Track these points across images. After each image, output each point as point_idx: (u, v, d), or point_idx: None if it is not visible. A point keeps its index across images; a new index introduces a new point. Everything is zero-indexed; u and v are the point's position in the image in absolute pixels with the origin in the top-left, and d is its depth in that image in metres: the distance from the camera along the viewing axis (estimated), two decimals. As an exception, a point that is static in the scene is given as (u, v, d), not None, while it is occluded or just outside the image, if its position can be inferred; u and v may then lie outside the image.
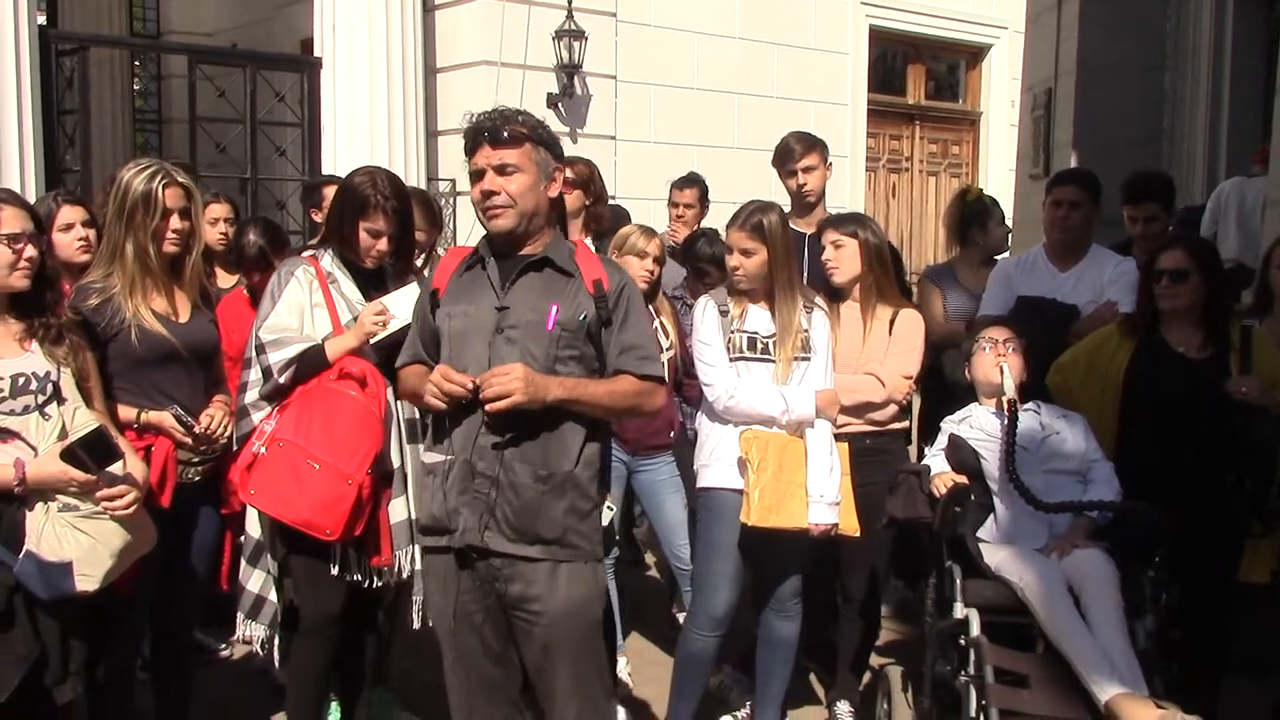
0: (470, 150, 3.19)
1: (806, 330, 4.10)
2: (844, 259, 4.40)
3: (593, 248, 3.82)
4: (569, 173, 5.21)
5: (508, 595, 3.14)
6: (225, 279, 5.18)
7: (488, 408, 3.01)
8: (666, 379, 3.29)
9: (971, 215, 5.58)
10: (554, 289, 3.17)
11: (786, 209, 4.56)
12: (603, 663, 3.30)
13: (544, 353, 3.10)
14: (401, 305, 3.78)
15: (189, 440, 3.68)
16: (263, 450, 3.67)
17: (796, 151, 5.07)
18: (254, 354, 3.79)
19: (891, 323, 4.40)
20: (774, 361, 4.05)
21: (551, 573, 3.12)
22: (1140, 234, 5.22)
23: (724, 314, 4.09)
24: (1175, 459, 4.08)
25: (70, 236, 4.30)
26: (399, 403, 3.85)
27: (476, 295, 3.20)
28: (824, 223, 4.56)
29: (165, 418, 3.63)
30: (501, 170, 3.13)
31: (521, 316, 3.13)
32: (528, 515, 3.09)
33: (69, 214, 4.35)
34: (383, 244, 3.86)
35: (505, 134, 3.13)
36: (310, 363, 3.74)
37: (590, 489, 3.19)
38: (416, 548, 3.83)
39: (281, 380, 3.74)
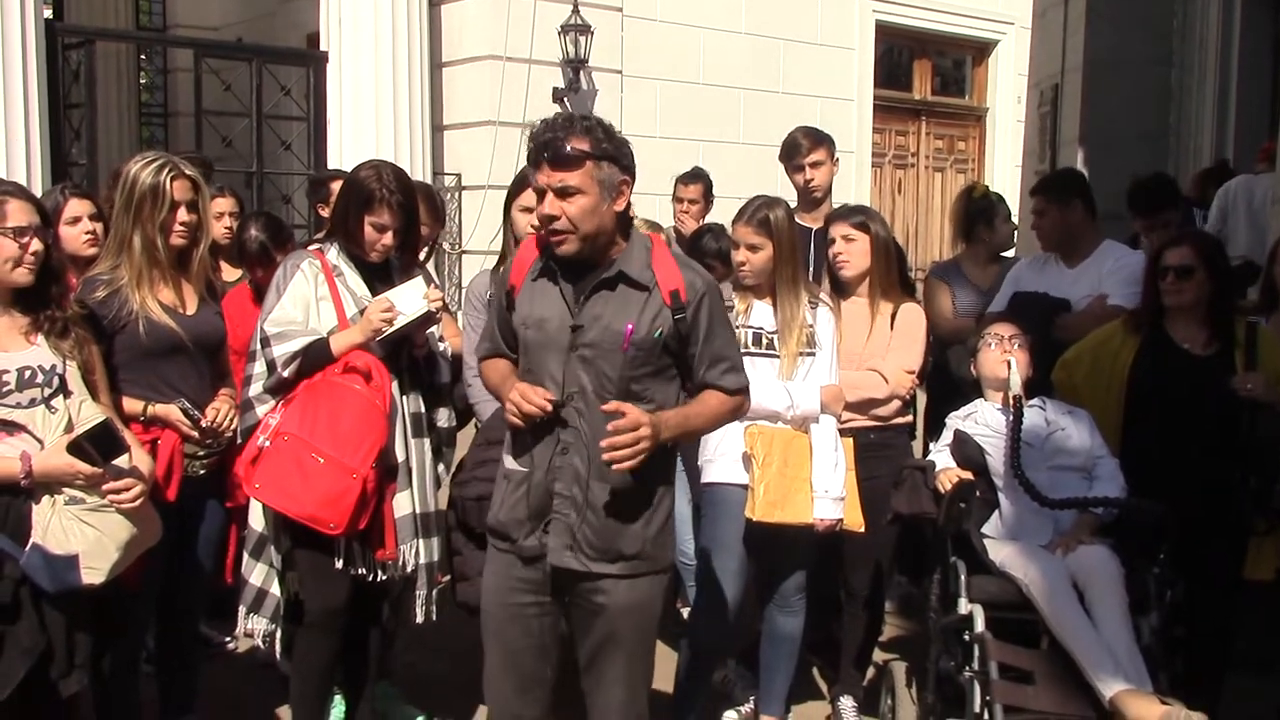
0: (532, 164, 3.06)
1: (811, 326, 4.10)
2: (855, 253, 4.39)
3: None
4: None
5: (578, 587, 3.14)
6: (230, 273, 5.19)
7: (614, 468, 2.94)
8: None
9: (978, 212, 5.58)
10: (629, 305, 3.06)
11: (792, 204, 4.56)
12: (652, 659, 3.33)
13: (618, 374, 3.04)
14: (407, 300, 3.77)
15: (195, 433, 3.69)
16: (267, 444, 3.67)
17: (804, 147, 5.07)
18: (258, 347, 3.79)
19: (893, 318, 4.40)
20: (779, 357, 4.05)
21: (617, 579, 3.13)
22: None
23: (728, 309, 4.08)
24: (1179, 456, 4.07)
25: (77, 230, 4.30)
26: (404, 397, 3.86)
27: (550, 307, 3.12)
28: (832, 216, 4.55)
29: (172, 411, 3.64)
30: (562, 193, 3.01)
31: (596, 336, 3.05)
32: (609, 534, 3.08)
33: (76, 207, 4.35)
34: (388, 238, 3.85)
35: (567, 151, 2.98)
36: (315, 357, 3.74)
37: (664, 500, 3.18)
38: (420, 542, 3.85)
39: (286, 374, 3.74)
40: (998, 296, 5.06)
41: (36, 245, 3.20)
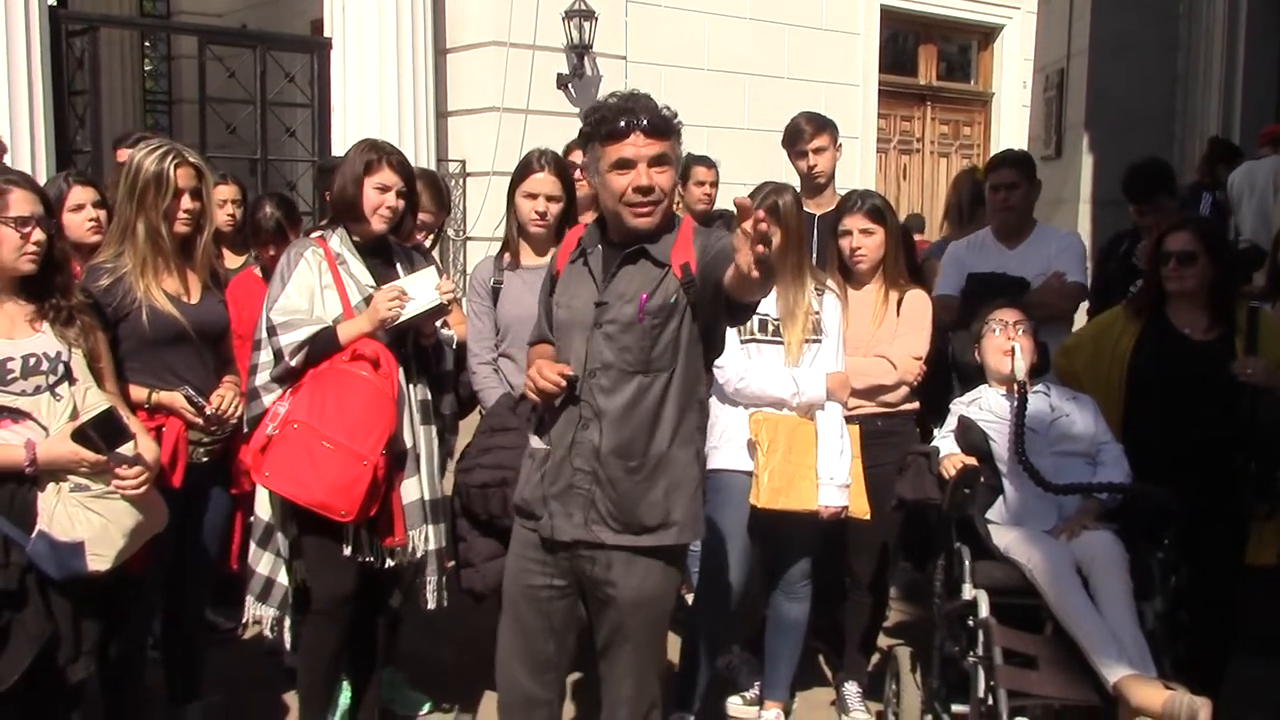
0: (614, 135, 3.01)
1: (817, 312, 4.09)
2: (872, 246, 4.38)
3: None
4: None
5: (591, 575, 3.16)
6: (233, 260, 5.19)
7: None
8: None
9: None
10: (648, 280, 3.08)
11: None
12: (663, 647, 3.35)
13: (638, 345, 3.05)
14: (419, 290, 3.77)
15: (200, 421, 3.69)
16: (276, 432, 3.67)
17: (807, 133, 5.05)
18: (265, 336, 3.79)
19: (899, 304, 4.39)
20: (784, 344, 4.04)
21: (628, 562, 3.13)
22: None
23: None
24: (1180, 441, 4.08)
25: (81, 217, 4.30)
26: (411, 384, 3.86)
27: (580, 287, 3.17)
28: (845, 207, 4.48)
29: (176, 398, 3.65)
30: (658, 161, 3.02)
31: (618, 311, 3.08)
32: (629, 505, 3.09)
33: (80, 194, 4.35)
34: (391, 198, 3.82)
35: (667, 123, 2.99)
36: (322, 345, 3.74)
37: (689, 466, 3.17)
38: (430, 528, 3.85)
39: (293, 363, 3.73)
40: (939, 279, 5.12)
41: (39, 235, 3.19)
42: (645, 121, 2.99)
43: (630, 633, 3.17)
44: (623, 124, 3.00)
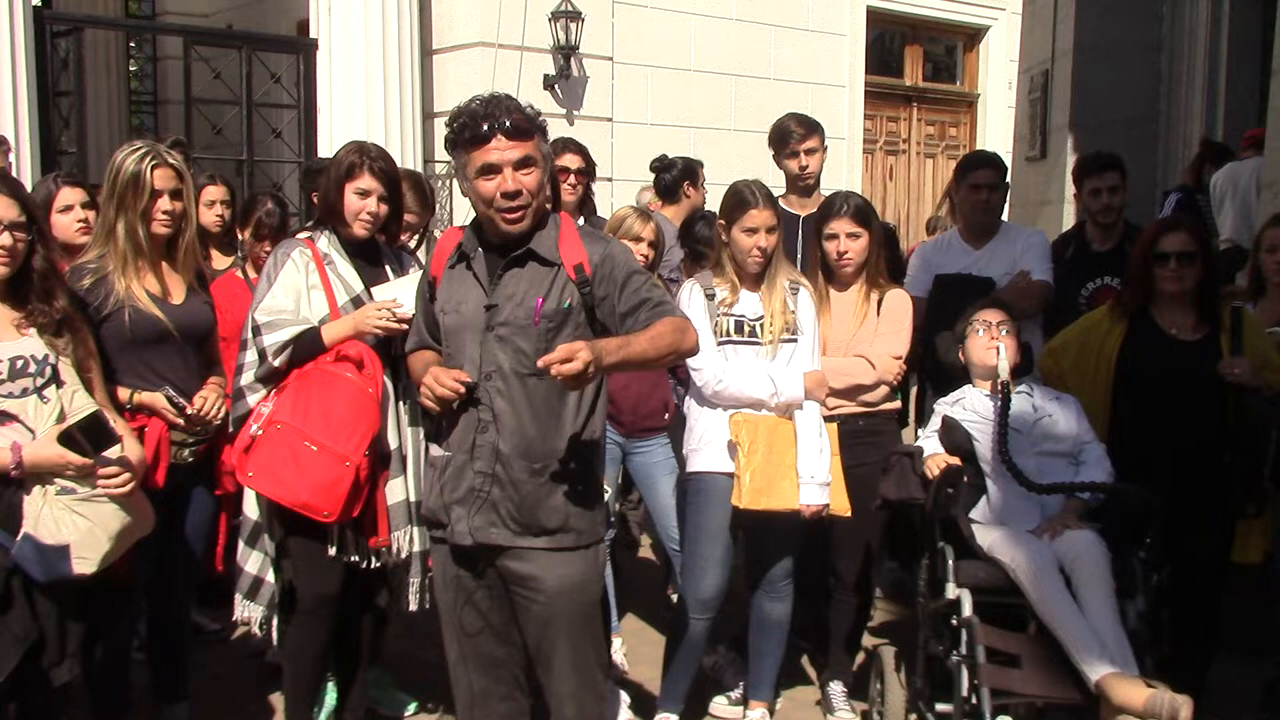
0: (477, 141, 3.02)
1: (793, 311, 4.11)
2: (859, 249, 4.39)
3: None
4: (575, 163, 5.26)
5: (509, 572, 3.16)
6: (221, 260, 5.19)
7: (557, 369, 2.78)
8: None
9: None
10: (539, 281, 3.09)
11: (779, 191, 4.57)
12: (600, 641, 3.32)
13: (534, 348, 3.04)
14: (405, 295, 3.78)
15: (181, 421, 3.69)
16: (260, 432, 3.68)
17: (798, 134, 5.05)
18: (250, 336, 3.79)
19: (879, 303, 4.41)
20: (761, 344, 4.06)
21: (547, 555, 3.14)
22: (1104, 205, 5.23)
23: (709, 297, 4.09)
24: (1167, 441, 4.10)
25: (69, 218, 4.30)
26: (397, 386, 3.86)
27: (467, 291, 3.16)
28: (829, 211, 4.47)
29: (157, 399, 3.65)
30: (523, 165, 3.02)
31: (509, 314, 3.08)
32: (529, 508, 3.10)
33: (68, 195, 4.35)
34: (371, 204, 3.84)
35: (526, 123, 2.98)
36: (306, 346, 3.75)
37: (590, 472, 3.19)
38: (415, 529, 3.85)
39: (276, 363, 3.74)
40: (907, 280, 5.10)
41: (7, 240, 3.17)
42: (507, 124, 2.99)
43: (561, 624, 3.15)
44: (485, 128, 3.00)
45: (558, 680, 3.20)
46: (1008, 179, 5.23)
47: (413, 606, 3.96)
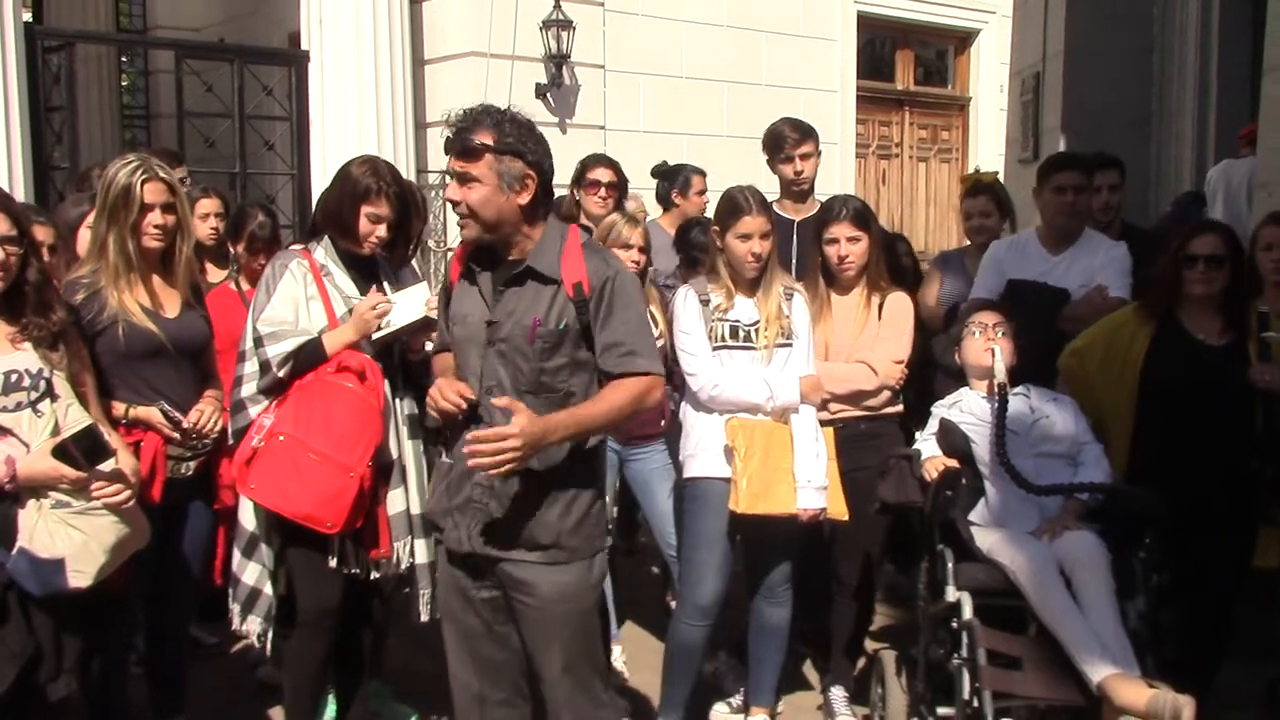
0: (444, 150, 3.17)
1: (788, 316, 4.11)
2: (859, 253, 4.39)
3: None
4: (606, 176, 5.29)
5: (506, 576, 3.18)
6: (215, 274, 5.17)
7: (490, 473, 2.96)
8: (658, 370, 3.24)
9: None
10: (539, 299, 3.12)
11: (772, 197, 4.57)
12: (597, 648, 3.34)
13: (530, 366, 3.10)
14: (408, 304, 3.79)
15: (176, 436, 3.68)
16: (261, 444, 3.67)
17: (792, 139, 5.03)
18: (250, 347, 3.79)
19: (880, 307, 4.41)
20: (756, 349, 4.06)
21: (544, 565, 3.15)
22: (1104, 204, 5.18)
23: (704, 303, 4.10)
24: (1194, 446, 4.05)
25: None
26: (398, 398, 3.86)
27: (472, 304, 3.22)
28: (831, 214, 4.46)
29: (152, 413, 3.64)
30: (463, 179, 3.09)
31: (509, 331, 3.12)
32: (521, 524, 3.13)
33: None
34: (382, 229, 3.87)
35: (468, 143, 3.06)
36: (308, 356, 3.75)
37: (585, 488, 3.21)
38: (416, 540, 3.84)
39: (280, 374, 3.74)
40: (976, 281, 4.98)
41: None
42: (449, 143, 3.11)
43: (555, 631, 3.16)
44: (446, 144, 3.13)
45: (553, 688, 3.20)
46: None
47: (424, 618, 3.94)
